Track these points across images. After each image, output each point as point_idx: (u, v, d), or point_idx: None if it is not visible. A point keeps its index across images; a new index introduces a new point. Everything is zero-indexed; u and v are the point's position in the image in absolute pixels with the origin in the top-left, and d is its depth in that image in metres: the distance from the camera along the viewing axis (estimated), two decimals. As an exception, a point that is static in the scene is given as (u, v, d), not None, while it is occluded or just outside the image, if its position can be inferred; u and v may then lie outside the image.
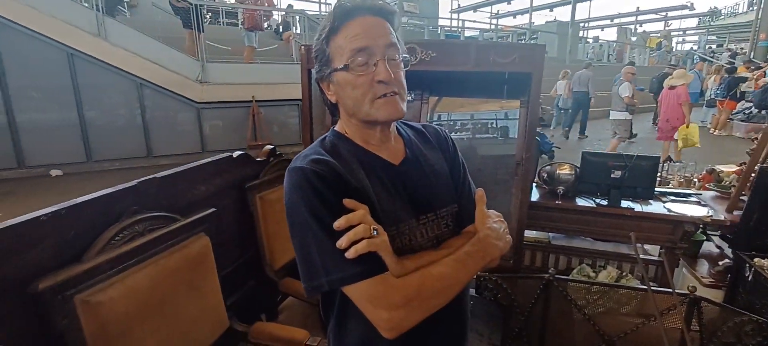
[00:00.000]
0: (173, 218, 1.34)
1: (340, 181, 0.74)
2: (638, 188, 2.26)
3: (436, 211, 0.84)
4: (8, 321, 0.91)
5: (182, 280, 1.30)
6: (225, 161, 1.67)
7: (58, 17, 5.68)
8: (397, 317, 0.69)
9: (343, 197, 0.72)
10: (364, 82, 0.75)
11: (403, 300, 0.70)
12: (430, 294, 0.73)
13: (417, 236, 0.81)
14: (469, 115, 2.40)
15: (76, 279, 1.01)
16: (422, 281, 0.72)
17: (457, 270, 0.76)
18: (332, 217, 0.69)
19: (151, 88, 6.47)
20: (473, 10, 21.65)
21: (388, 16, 0.78)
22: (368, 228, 0.69)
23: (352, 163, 0.79)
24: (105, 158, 6.30)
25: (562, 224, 2.43)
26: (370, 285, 0.70)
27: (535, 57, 1.89)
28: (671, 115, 6.05)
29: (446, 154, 0.92)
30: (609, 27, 24.98)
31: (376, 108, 0.77)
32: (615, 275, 2.29)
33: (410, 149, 0.87)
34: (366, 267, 0.69)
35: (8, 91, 5.59)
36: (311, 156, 0.76)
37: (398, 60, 0.78)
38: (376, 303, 0.70)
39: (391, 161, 0.83)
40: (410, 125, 0.94)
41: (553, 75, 12.65)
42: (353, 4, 0.76)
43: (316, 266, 0.71)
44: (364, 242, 0.68)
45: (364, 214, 0.71)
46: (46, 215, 0.97)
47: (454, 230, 0.87)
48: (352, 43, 0.74)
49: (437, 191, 0.86)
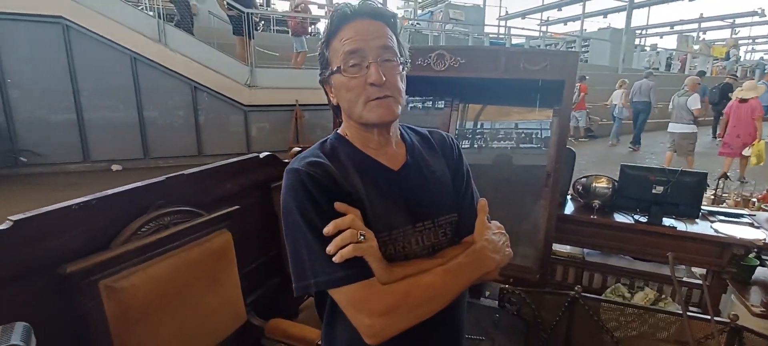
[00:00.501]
0: (197, 213, 1.42)
1: (334, 184, 0.75)
2: (682, 205, 2.09)
3: (433, 219, 0.83)
4: (39, 299, 1.00)
5: (203, 272, 1.37)
6: (251, 161, 1.75)
7: (124, 24, 6.18)
8: (378, 324, 0.69)
9: (335, 201, 0.72)
10: (357, 85, 0.76)
11: (386, 308, 0.70)
12: (416, 303, 0.72)
13: (411, 244, 0.80)
14: (513, 124, 2.35)
15: (102, 265, 1.09)
16: (408, 290, 0.72)
17: (447, 281, 0.75)
18: (323, 220, 0.70)
19: (204, 91, 6.88)
20: (522, 17, 21.07)
21: (386, 19, 0.79)
22: (355, 233, 0.70)
23: (349, 167, 0.79)
24: (160, 156, 6.76)
25: (597, 240, 2.30)
26: (354, 290, 0.70)
27: (568, 64, 1.82)
28: (742, 130, 5.55)
29: (450, 161, 0.90)
30: (669, 35, 23.29)
31: (368, 110, 0.77)
32: (653, 297, 2.13)
33: (412, 155, 0.86)
34: (351, 272, 0.70)
35: (79, 91, 6.16)
36: (308, 158, 0.77)
37: (394, 62, 0.78)
38: (359, 308, 0.70)
39: (390, 166, 0.83)
40: (416, 130, 0.93)
41: (604, 84, 12.07)
42: (350, 9, 0.77)
43: (305, 267, 0.72)
44: (350, 247, 0.69)
45: (353, 219, 0.71)
46: (78, 204, 1.07)
47: (452, 239, 0.85)
48: (345, 46, 0.75)
49: (436, 198, 0.85)
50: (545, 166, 2.08)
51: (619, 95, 9.12)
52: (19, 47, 5.80)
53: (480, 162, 2.35)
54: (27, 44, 5.84)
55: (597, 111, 10.51)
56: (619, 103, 9.09)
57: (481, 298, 2.31)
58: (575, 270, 2.50)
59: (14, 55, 5.79)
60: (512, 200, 2.29)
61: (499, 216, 2.35)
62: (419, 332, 0.77)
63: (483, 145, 2.36)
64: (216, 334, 1.41)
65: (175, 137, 6.89)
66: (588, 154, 8.08)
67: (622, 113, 9.12)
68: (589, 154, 8.02)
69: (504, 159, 2.37)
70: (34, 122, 6.02)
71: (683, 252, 2.11)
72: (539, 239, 2.03)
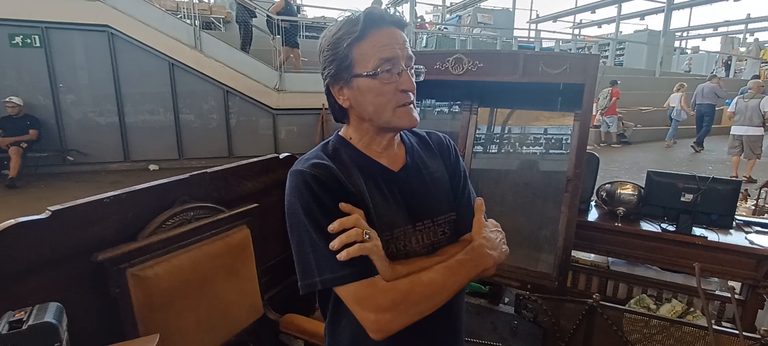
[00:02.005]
0: (219, 209, 1.50)
1: (337, 185, 0.76)
2: (714, 214, 2.00)
3: (433, 218, 0.85)
4: (74, 283, 1.09)
5: (222, 265, 1.44)
6: (272, 161, 1.81)
7: (163, 31, 6.52)
8: (383, 319, 0.71)
9: (339, 201, 0.74)
10: (389, 91, 0.78)
11: (390, 304, 0.72)
12: (418, 299, 0.73)
13: (412, 243, 0.82)
14: (542, 129, 2.33)
15: (130, 254, 1.18)
16: (411, 287, 0.74)
17: (448, 278, 0.77)
18: (327, 220, 0.72)
19: (236, 95, 7.15)
20: (553, 21, 20.59)
21: (404, 29, 0.82)
22: (361, 232, 0.72)
23: (351, 168, 0.81)
24: (194, 156, 7.07)
25: (622, 249, 2.23)
26: (359, 287, 0.72)
27: (588, 67, 1.79)
28: None
29: (447, 162, 0.93)
30: (712, 36, 22.02)
31: (397, 116, 0.80)
32: (680, 310, 2.04)
33: (411, 156, 0.88)
34: (356, 269, 0.72)
35: (121, 95, 6.55)
36: (312, 160, 0.79)
37: (413, 71, 0.82)
38: (364, 305, 0.72)
39: (391, 168, 0.85)
40: (414, 132, 0.95)
41: (640, 88, 11.62)
42: (380, 14, 0.79)
43: (310, 265, 0.74)
44: (356, 246, 0.71)
45: (358, 218, 0.73)
46: (110, 198, 1.15)
47: (451, 237, 0.87)
48: (381, 53, 0.77)
49: (435, 198, 0.87)
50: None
51: (677, 98, 9.16)
52: (69, 55, 6.25)
53: (502, 166, 2.34)
54: (77, 52, 6.28)
55: (631, 116, 10.12)
56: (677, 105, 9.13)
57: (499, 304, 2.29)
58: (599, 279, 2.43)
59: (65, 62, 6.23)
60: (533, 205, 2.27)
61: (519, 222, 2.32)
62: (419, 329, 0.79)
63: (511, 150, 2.35)
64: (234, 325, 1.48)
65: (208, 139, 7.19)
66: (620, 161, 7.79)
67: (680, 116, 9.17)
68: (622, 162, 7.73)
69: (527, 164, 2.34)
70: (81, 124, 6.46)
71: (715, 264, 2.02)
72: (558, 246, 1.99)
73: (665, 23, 12.94)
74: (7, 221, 0.95)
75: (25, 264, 0.99)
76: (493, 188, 2.31)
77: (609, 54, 14.07)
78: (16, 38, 5.93)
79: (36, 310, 0.81)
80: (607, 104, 9.05)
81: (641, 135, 9.94)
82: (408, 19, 11.58)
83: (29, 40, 5.98)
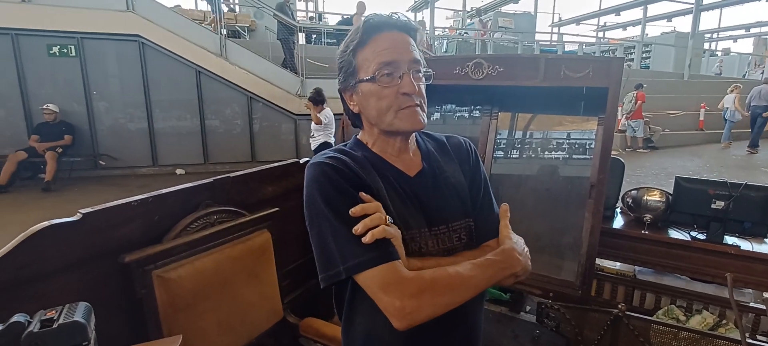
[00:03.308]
0: (241, 213, 1.53)
1: (356, 177, 0.78)
2: (747, 222, 1.91)
3: (447, 223, 0.85)
4: (103, 283, 1.14)
5: (243, 268, 1.47)
6: (292, 166, 1.84)
7: (191, 40, 6.73)
8: (409, 306, 0.69)
9: (359, 191, 0.75)
10: (390, 94, 0.79)
11: (417, 290, 0.70)
12: (443, 289, 0.71)
13: (428, 245, 0.83)
14: (565, 133, 2.29)
15: (155, 256, 1.21)
16: (437, 276, 0.72)
17: (474, 273, 0.75)
18: (348, 206, 0.73)
19: (259, 102, 7.29)
20: (576, 24, 20.18)
21: (412, 33, 0.82)
22: (383, 216, 0.73)
23: (368, 168, 0.82)
24: (218, 161, 7.24)
25: (649, 257, 2.15)
26: (384, 271, 0.70)
27: (612, 70, 1.74)
28: None
29: (465, 166, 0.92)
30: (743, 38, 21.05)
31: (399, 119, 0.80)
32: (711, 322, 1.96)
33: (427, 162, 0.88)
34: (380, 252, 0.71)
35: (150, 102, 6.78)
36: (329, 155, 0.82)
37: (421, 74, 0.82)
38: (389, 290, 0.70)
39: (407, 172, 0.85)
40: (433, 137, 0.96)
41: (667, 92, 11.24)
42: (381, 20, 0.80)
43: (333, 254, 0.73)
44: (381, 228, 0.70)
45: (379, 205, 0.75)
46: (137, 201, 1.20)
47: (467, 243, 0.87)
48: (380, 57, 0.78)
49: (450, 204, 0.87)
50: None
51: (731, 99, 9.35)
52: (103, 63, 6.52)
53: (525, 172, 2.31)
54: (109, 60, 6.55)
55: (659, 120, 9.80)
56: (731, 106, 9.32)
57: (520, 312, 2.25)
58: (625, 288, 2.35)
59: (99, 70, 6.51)
60: (555, 211, 2.22)
61: (541, 228, 2.28)
62: (435, 333, 0.79)
63: (532, 155, 2.31)
64: (254, 327, 1.50)
65: (232, 144, 7.35)
66: (647, 166, 7.55)
67: (734, 117, 9.33)
68: (649, 167, 7.49)
69: (549, 169, 2.30)
70: (113, 130, 6.71)
71: (749, 274, 1.92)
72: (582, 253, 1.94)
73: (694, 25, 12.51)
74: (40, 223, 0.99)
75: (56, 264, 1.04)
76: (513, 193, 2.28)
77: (634, 57, 13.69)
78: (54, 48, 6.23)
79: (66, 309, 0.84)
80: (633, 108, 8.82)
81: (670, 139, 9.62)
82: (428, 23, 11.60)
83: (65, 50, 6.27)
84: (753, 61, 14.79)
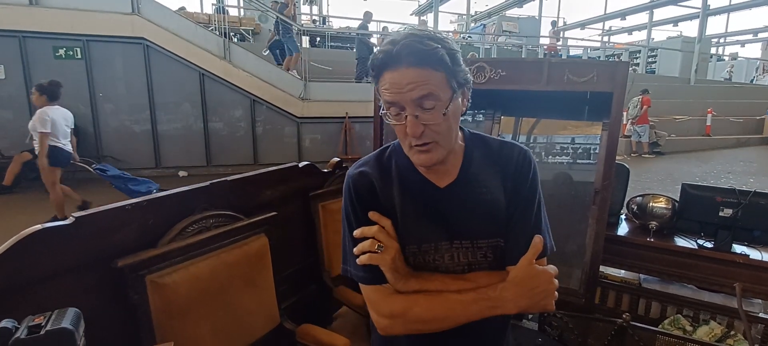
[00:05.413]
0: (238, 217, 1.50)
1: (371, 195, 0.84)
2: (756, 231, 1.87)
3: (473, 239, 0.83)
4: (95, 288, 1.12)
5: (240, 274, 1.44)
6: (291, 170, 1.82)
7: (194, 43, 6.76)
8: (383, 323, 0.83)
9: (370, 210, 0.82)
10: (401, 130, 0.78)
11: (389, 313, 0.82)
12: (415, 319, 0.80)
13: (445, 259, 0.84)
14: (569, 138, 2.26)
15: (150, 261, 1.19)
16: (411, 306, 0.80)
17: (453, 309, 0.79)
18: (358, 223, 0.83)
19: (262, 104, 7.31)
20: (581, 28, 20.09)
21: (428, 62, 0.72)
22: (374, 244, 0.79)
23: (393, 180, 0.85)
24: (221, 163, 7.25)
25: (655, 265, 2.11)
26: (369, 290, 0.84)
27: (617, 75, 1.72)
28: None
29: (508, 182, 0.84)
30: (751, 42, 20.79)
31: (412, 154, 0.81)
32: (719, 332, 1.91)
33: (464, 171, 0.84)
34: (369, 275, 0.83)
35: (154, 104, 6.81)
36: (360, 167, 0.87)
37: (439, 105, 0.74)
38: (371, 306, 0.85)
39: (436, 183, 0.84)
40: (487, 142, 0.89)
41: (674, 96, 11.16)
42: (387, 55, 0.74)
43: (346, 255, 0.87)
44: (366, 255, 0.79)
45: (379, 230, 0.80)
46: (131, 205, 1.18)
47: (493, 262, 0.84)
48: (385, 96, 0.76)
49: (479, 219, 0.83)
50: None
51: None
52: (108, 66, 6.55)
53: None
54: (115, 63, 6.58)
55: (665, 125, 9.72)
56: None
57: (522, 320, 2.21)
58: (629, 297, 2.30)
59: (104, 72, 6.54)
60: (559, 217, 2.18)
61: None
62: (435, 337, 0.82)
63: (536, 160, 2.28)
64: (250, 334, 1.47)
65: (235, 147, 7.36)
66: (653, 172, 7.48)
67: None
68: (654, 173, 7.42)
69: (552, 174, 2.26)
70: (117, 132, 6.74)
71: (758, 284, 1.88)
72: (586, 261, 1.91)
73: (700, 29, 12.43)
74: (32, 226, 0.98)
75: (48, 269, 1.02)
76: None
77: (640, 61, 13.61)
78: (60, 50, 6.27)
79: (54, 315, 0.83)
80: (638, 113, 8.74)
81: (676, 145, 9.54)
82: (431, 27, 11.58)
83: (71, 52, 6.31)
84: (761, 66, 14.66)
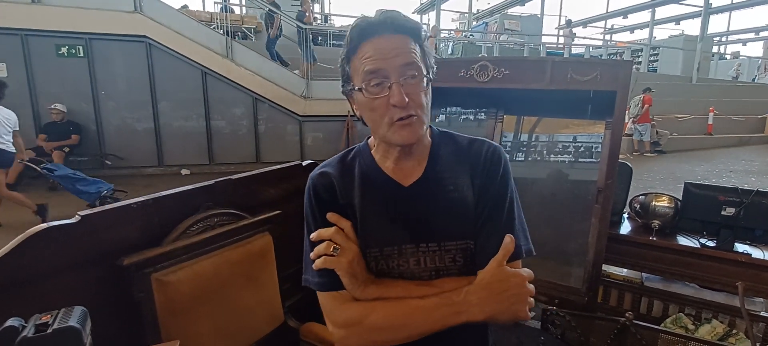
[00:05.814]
0: (242, 215, 1.51)
1: (331, 197, 0.80)
2: (758, 230, 1.87)
3: (439, 242, 0.77)
4: (101, 286, 1.13)
5: (243, 272, 1.45)
6: (294, 168, 1.82)
7: (197, 41, 6.76)
8: (337, 334, 0.77)
9: (329, 211, 0.78)
10: (380, 105, 0.73)
11: (344, 322, 0.76)
12: (373, 327, 0.74)
13: (410, 263, 0.78)
14: (571, 136, 2.26)
15: (154, 259, 1.20)
16: (368, 313, 0.74)
17: (414, 317, 0.72)
18: (316, 226, 0.79)
19: (265, 103, 7.31)
20: (583, 26, 20.01)
21: (409, 32, 0.73)
22: (330, 246, 0.74)
23: (354, 180, 0.81)
24: (223, 162, 7.27)
25: (657, 264, 2.11)
26: (324, 298, 0.79)
27: (621, 74, 1.72)
28: None
29: (476, 180, 0.79)
30: (753, 41, 20.62)
31: (392, 132, 0.74)
32: (721, 331, 1.91)
33: (431, 170, 0.80)
34: (324, 281, 0.77)
35: (157, 102, 6.82)
36: (321, 168, 0.84)
37: (418, 78, 0.73)
38: (326, 315, 0.79)
39: (400, 182, 0.80)
40: (455, 139, 0.85)
41: (676, 95, 11.12)
42: (367, 24, 0.73)
43: (305, 263, 0.82)
44: (322, 259, 0.74)
45: (335, 232, 0.75)
46: (137, 203, 1.18)
47: (463, 267, 0.78)
48: (365, 65, 0.72)
49: (446, 220, 0.78)
50: (597, 181, 1.96)
51: None
52: (110, 64, 6.56)
53: (530, 176, 2.27)
54: (117, 61, 6.59)
55: (667, 124, 9.70)
56: None
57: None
58: (632, 296, 2.31)
59: (106, 70, 6.55)
60: (561, 216, 2.19)
61: (546, 233, 2.26)
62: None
63: (538, 159, 2.28)
64: (253, 333, 1.48)
65: (237, 145, 7.37)
66: (656, 171, 7.46)
67: None
68: (657, 172, 7.40)
69: (555, 173, 2.26)
70: (119, 130, 6.76)
71: (761, 283, 1.88)
72: (588, 260, 1.91)
73: (702, 28, 12.38)
74: (39, 225, 0.98)
75: (54, 267, 1.03)
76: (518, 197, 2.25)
77: (642, 60, 13.57)
78: (62, 48, 6.28)
79: (61, 314, 0.83)
80: (640, 112, 8.72)
81: (678, 144, 9.52)
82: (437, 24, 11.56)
83: (74, 50, 6.33)
84: (763, 64, 14.60)
